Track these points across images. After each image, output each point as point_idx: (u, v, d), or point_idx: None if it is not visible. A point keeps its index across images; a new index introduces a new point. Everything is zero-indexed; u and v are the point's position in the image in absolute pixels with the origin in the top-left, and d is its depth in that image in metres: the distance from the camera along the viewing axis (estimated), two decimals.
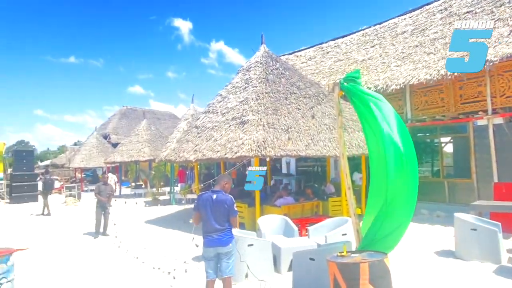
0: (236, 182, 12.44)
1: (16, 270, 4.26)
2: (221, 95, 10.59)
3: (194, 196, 12.98)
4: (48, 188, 13.42)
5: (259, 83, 9.43)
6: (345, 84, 4.13)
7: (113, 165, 19.85)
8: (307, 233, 6.39)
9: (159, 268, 5.69)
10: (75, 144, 49.31)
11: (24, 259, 6.48)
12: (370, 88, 10.70)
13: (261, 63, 10.11)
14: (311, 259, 4.45)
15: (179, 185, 16.64)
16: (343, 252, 3.56)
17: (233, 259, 4.04)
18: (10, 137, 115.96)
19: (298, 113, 8.99)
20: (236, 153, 7.84)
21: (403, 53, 12.52)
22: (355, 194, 4.34)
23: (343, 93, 4.20)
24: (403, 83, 10.66)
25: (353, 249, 4.26)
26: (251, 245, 5.07)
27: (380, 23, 16.04)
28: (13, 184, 17.09)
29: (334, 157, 9.02)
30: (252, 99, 9.02)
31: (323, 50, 17.54)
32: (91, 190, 20.38)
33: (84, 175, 25.43)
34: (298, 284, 4.58)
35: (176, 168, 15.84)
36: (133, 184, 20.31)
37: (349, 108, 9.53)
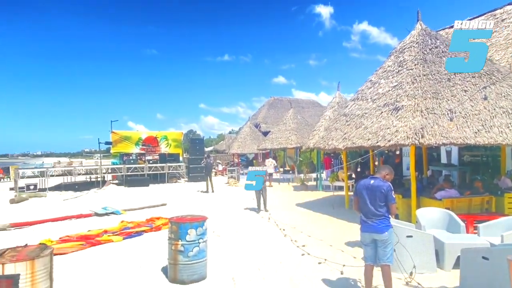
0: None
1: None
2: (371, 80, 10.25)
3: (342, 184, 13.09)
4: (208, 170, 15.90)
5: (415, 65, 8.71)
6: None
7: (263, 151, 21.78)
8: (475, 231, 5.71)
9: (303, 245, 6.14)
10: (230, 132, 55.99)
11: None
12: None
13: (417, 43, 9.28)
14: (484, 258, 4.02)
15: (324, 172, 17.01)
16: None
17: (390, 248, 4.06)
18: (183, 127, 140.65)
19: (465, 95, 7.91)
20: (389, 141, 7.56)
21: None
22: None
23: None
24: None
25: None
26: (410, 236, 4.91)
27: None
28: (190, 166, 20.96)
29: None
30: (407, 83, 8.43)
31: (497, 18, 14.58)
32: (246, 174, 23.03)
33: (240, 160, 28.79)
34: (467, 283, 4.22)
35: (322, 155, 16.21)
36: (281, 169, 21.83)
37: None
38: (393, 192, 4.08)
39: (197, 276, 4.84)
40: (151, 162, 20.87)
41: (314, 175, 16.98)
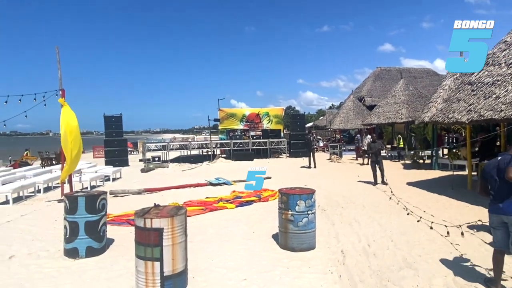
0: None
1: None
2: (505, 41, 8.66)
3: (463, 162, 11.64)
4: (308, 146, 15.83)
5: None
6: None
7: (368, 126, 20.65)
8: None
9: (431, 226, 5.69)
10: (330, 107, 54.51)
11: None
12: None
13: None
14: None
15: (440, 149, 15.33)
16: None
17: None
18: (281, 104, 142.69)
19: None
20: None
21: None
22: None
23: None
24: None
25: None
26: None
27: None
28: (291, 142, 21.33)
29: None
30: None
31: None
32: (349, 150, 22.31)
33: (342, 136, 27.95)
34: None
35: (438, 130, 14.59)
36: (388, 146, 20.47)
37: None
38: None
39: (306, 245, 5.01)
40: (254, 137, 21.91)
41: (427, 152, 15.46)
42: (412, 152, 15.32)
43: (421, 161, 14.13)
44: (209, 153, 21.02)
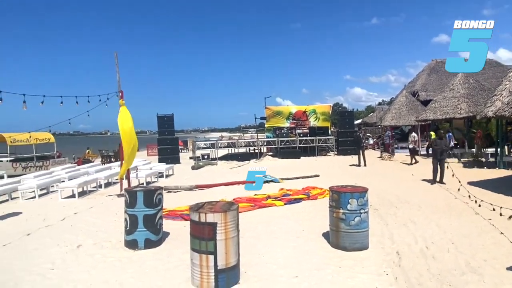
0: None
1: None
2: None
3: None
4: (358, 144, 15.29)
5: None
6: None
7: (423, 123, 19.48)
8: None
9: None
10: (380, 103, 52.23)
11: None
12: None
13: None
14: None
15: (506, 146, 14.03)
16: None
17: None
18: (328, 101, 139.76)
19: None
20: None
21: None
22: None
23: None
24: None
25: None
26: None
27: None
28: (339, 139, 20.83)
29: None
30: None
31: None
32: (402, 148, 21.24)
33: (393, 133, 26.65)
34: None
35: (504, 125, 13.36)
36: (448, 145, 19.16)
37: None
38: None
39: (359, 245, 4.86)
40: (301, 135, 21.71)
41: (491, 150, 14.24)
42: (474, 149, 14.19)
43: (482, 159, 13.04)
44: (256, 151, 21.22)
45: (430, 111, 17.46)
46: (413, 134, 15.50)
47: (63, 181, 11.22)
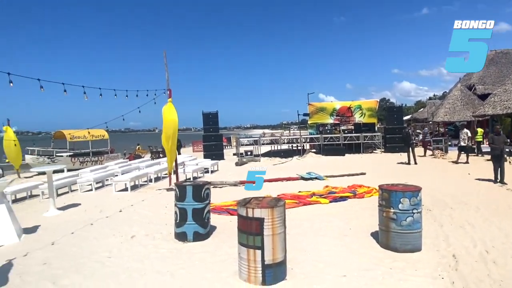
0: None
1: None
2: None
3: None
4: (407, 141, 14.52)
5: None
6: None
7: (481, 118, 18.11)
8: None
9: None
10: (430, 98, 49.26)
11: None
12: None
13: None
14: None
15: None
16: None
17: None
18: (374, 96, 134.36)
19: None
20: None
21: None
22: None
23: None
24: None
25: None
26: None
27: None
28: (387, 136, 19.99)
29: None
30: None
31: None
32: (455, 145, 19.90)
33: (446, 129, 25.08)
34: None
35: None
36: (507, 140, 17.65)
37: None
38: None
39: (411, 246, 4.64)
40: (346, 132, 21.14)
41: None
42: None
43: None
44: (299, 147, 21.03)
45: (489, 106, 16.19)
46: (465, 130, 14.51)
47: (117, 175, 11.94)
